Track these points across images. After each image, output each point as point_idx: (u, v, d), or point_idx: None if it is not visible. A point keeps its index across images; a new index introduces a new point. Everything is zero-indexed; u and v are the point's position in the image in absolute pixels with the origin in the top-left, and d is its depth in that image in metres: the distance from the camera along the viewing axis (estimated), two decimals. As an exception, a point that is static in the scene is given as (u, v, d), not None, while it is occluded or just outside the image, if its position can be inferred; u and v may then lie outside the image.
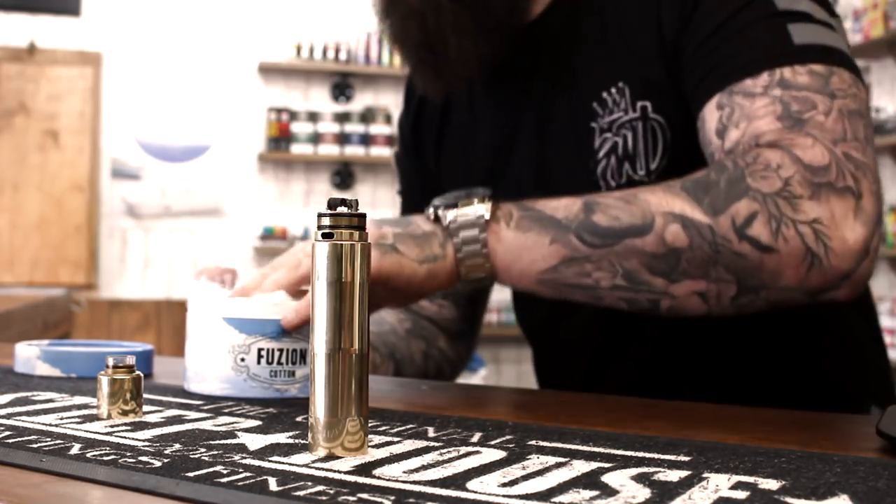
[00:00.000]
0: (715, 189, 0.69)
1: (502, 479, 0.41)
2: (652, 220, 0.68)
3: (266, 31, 5.10)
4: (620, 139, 0.85)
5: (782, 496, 0.38)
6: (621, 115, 0.85)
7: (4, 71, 4.79)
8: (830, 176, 0.69)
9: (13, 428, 0.52)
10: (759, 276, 0.68)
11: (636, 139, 0.85)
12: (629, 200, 0.69)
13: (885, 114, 4.42)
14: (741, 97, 0.75)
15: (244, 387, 0.65)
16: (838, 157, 0.70)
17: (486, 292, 1.09)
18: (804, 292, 0.70)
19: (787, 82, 0.74)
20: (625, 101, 0.85)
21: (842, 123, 0.72)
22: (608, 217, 0.68)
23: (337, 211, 0.47)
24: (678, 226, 0.68)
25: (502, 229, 0.69)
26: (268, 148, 5.06)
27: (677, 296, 0.70)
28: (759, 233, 0.67)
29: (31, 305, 2.23)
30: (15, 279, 4.69)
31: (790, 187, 0.68)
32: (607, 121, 0.86)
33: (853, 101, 0.73)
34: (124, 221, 4.95)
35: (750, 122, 0.73)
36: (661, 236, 0.68)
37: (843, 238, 0.68)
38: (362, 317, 0.47)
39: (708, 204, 0.68)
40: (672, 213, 0.68)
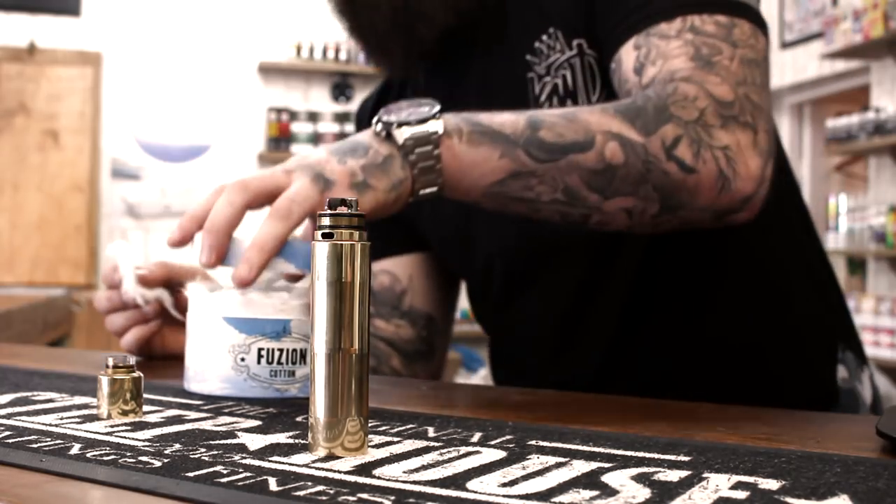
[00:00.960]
0: (644, 113, 0.74)
1: (502, 479, 0.41)
2: (593, 138, 0.72)
3: (266, 31, 5.11)
4: (560, 80, 0.89)
5: (782, 496, 0.38)
6: (558, 56, 0.89)
7: (4, 71, 4.80)
8: (735, 110, 0.76)
9: (13, 428, 0.52)
10: (679, 196, 0.74)
11: (575, 76, 0.89)
12: (570, 119, 0.73)
13: (885, 114, 4.42)
14: (657, 38, 0.81)
15: (244, 386, 0.65)
16: (740, 97, 0.77)
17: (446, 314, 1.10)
18: (713, 212, 0.77)
19: (697, 29, 0.80)
20: (559, 42, 0.89)
21: (742, 69, 0.79)
22: (553, 133, 0.72)
23: (337, 211, 0.47)
24: (616, 143, 0.72)
25: (455, 144, 0.71)
26: (268, 148, 5.06)
27: (607, 211, 0.75)
28: (683, 154, 0.73)
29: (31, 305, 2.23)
30: (15, 279, 4.69)
31: (705, 117, 0.75)
32: (544, 66, 0.90)
33: (751, 50, 0.81)
34: (124, 221, 4.95)
35: (666, 60, 0.80)
36: (601, 153, 0.72)
37: (746, 164, 0.75)
38: (362, 317, 0.47)
39: (640, 125, 0.73)
40: (610, 131, 0.73)
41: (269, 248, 0.64)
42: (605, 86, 0.88)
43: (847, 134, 4.63)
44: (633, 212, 0.75)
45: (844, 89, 5.08)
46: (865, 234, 4.59)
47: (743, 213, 0.77)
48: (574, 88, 0.89)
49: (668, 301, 0.93)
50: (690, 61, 0.79)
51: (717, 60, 0.79)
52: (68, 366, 0.87)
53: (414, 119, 0.71)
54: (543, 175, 0.72)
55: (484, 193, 0.73)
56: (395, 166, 0.70)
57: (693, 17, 0.81)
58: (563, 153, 0.72)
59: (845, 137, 4.65)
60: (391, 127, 0.71)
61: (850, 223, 4.75)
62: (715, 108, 0.76)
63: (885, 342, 4.28)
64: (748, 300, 0.94)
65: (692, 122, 0.75)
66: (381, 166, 0.70)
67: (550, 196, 0.73)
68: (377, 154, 0.70)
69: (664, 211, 0.76)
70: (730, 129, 0.75)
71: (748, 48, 0.81)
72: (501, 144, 0.72)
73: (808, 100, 5.39)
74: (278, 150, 5.06)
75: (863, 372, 0.96)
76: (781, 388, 0.92)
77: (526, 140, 0.72)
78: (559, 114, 0.74)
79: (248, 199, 0.66)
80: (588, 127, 0.73)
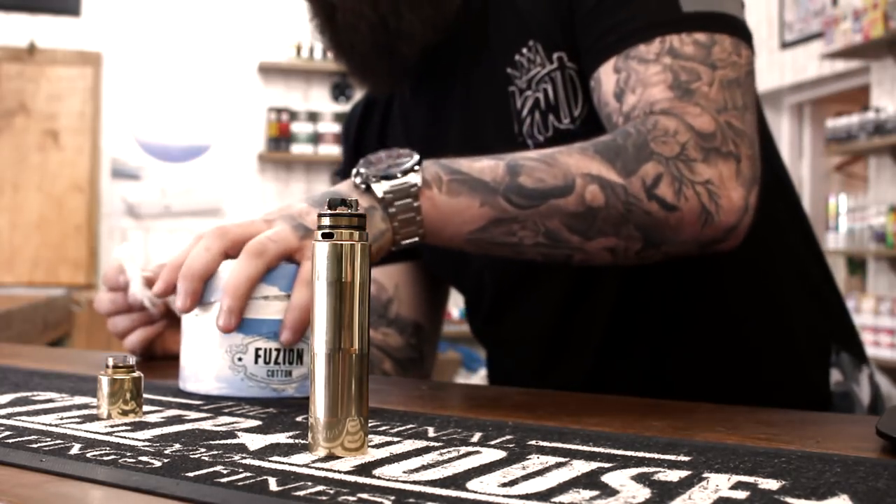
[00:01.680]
0: (624, 153, 0.74)
1: (502, 479, 0.41)
2: (573, 182, 0.72)
3: (266, 31, 5.11)
4: (541, 93, 0.89)
5: (782, 496, 0.38)
6: (539, 70, 0.89)
7: (4, 71, 4.80)
8: (717, 142, 0.76)
9: (13, 428, 0.52)
10: (662, 233, 0.75)
11: (556, 89, 0.88)
12: (550, 163, 0.73)
13: (885, 114, 4.42)
14: (636, 62, 0.80)
15: (241, 386, 0.65)
16: (722, 125, 0.77)
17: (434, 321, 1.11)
18: (698, 245, 0.77)
19: (675, 51, 0.80)
20: (539, 56, 0.88)
21: (722, 94, 0.79)
22: (533, 179, 0.72)
23: (337, 211, 0.47)
24: (596, 186, 0.72)
25: (434, 195, 0.71)
26: (268, 148, 5.07)
27: (590, 251, 0.75)
28: (664, 193, 0.74)
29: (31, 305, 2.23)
30: (15, 279, 4.69)
31: (686, 152, 0.75)
32: (525, 79, 0.89)
33: (732, 69, 0.80)
34: (124, 221, 4.95)
35: (645, 88, 0.79)
36: (581, 196, 0.72)
37: (729, 197, 0.76)
38: (362, 317, 0.47)
39: (620, 166, 0.73)
40: (590, 174, 0.73)
41: (242, 293, 0.63)
42: (587, 99, 0.88)
43: (847, 134, 4.64)
44: (616, 250, 0.76)
45: (844, 89, 5.08)
46: (865, 234, 4.59)
47: (727, 243, 0.78)
48: (556, 102, 0.88)
49: (655, 310, 0.93)
50: (669, 90, 0.78)
51: (696, 88, 0.78)
52: (68, 366, 0.87)
53: (393, 172, 0.70)
54: (525, 220, 0.72)
55: (466, 240, 0.74)
56: (375, 219, 0.70)
57: (671, 37, 0.80)
58: (543, 199, 0.72)
59: (845, 137, 4.65)
60: (370, 180, 0.70)
61: (850, 223, 4.75)
62: (696, 141, 0.76)
63: (885, 342, 4.28)
64: (738, 308, 0.94)
65: (673, 158, 0.75)
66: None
67: (533, 240, 0.74)
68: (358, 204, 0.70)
69: (647, 247, 0.76)
70: (712, 162, 0.75)
71: (728, 67, 0.80)
72: (481, 192, 0.72)
73: (808, 100, 5.39)
74: (278, 150, 5.06)
75: (861, 372, 0.96)
76: (773, 394, 0.92)
77: (506, 187, 0.72)
78: (539, 157, 0.74)
79: (226, 246, 0.66)
80: (568, 170, 0.72)
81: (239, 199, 5.03)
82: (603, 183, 0.73)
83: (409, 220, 0.70)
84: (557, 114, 0.88)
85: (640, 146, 0.75)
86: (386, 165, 0.71)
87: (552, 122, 0.89)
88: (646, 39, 0.80)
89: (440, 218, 0.71)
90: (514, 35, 0.90)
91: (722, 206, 0.75)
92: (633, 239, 0.75)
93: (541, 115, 0.89)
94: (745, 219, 0.77)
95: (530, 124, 0.89)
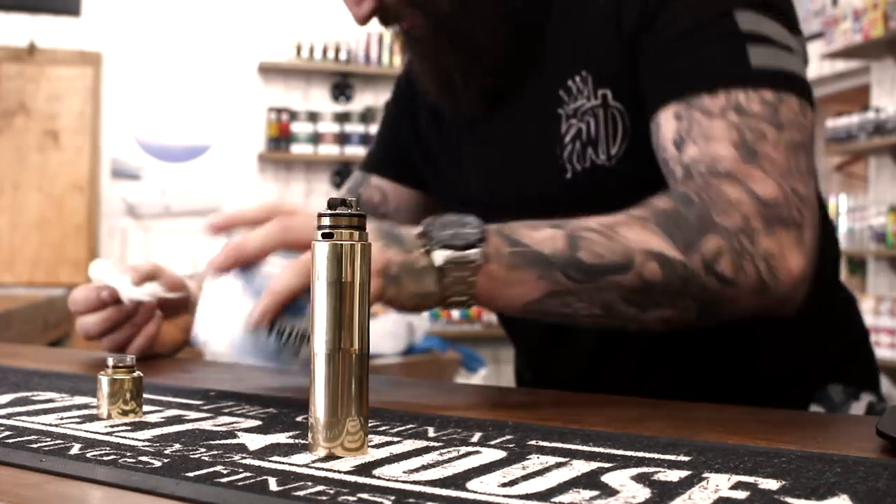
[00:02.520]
0: (685, 225, 0.74)
1: (502, 479, 0.41)
2: (632, 259, 0.71)
3: (266, 31, 5.10)
4: (584, 125, 0.89)
5: (782, 496, 0.38)
6: (585, 102, 0.89)
7: (4, 71, 4.80)
8: (780, 210, 0.75)
9: (13, 428, 0.52)
10: (718, 305, 0.74)
11: (598, 125, 0.88)
12: (610, 237, 0.72)
13: (885, 114, 4.42)
14: (699, 113, 0.79)
15: (251, 352, 0.66)
16: (786, 192, 0.76)
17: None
18: (755, 314, 0.77)
19: (741, 108, 0.78)
20: (587, 88, 0.88)
21: (788, 157, 0.77)
22: (592, 254, 0.71)
23: (337, 211, 0.47)
24: (655, 263, 0.72)
25: (492, 269, 0.70)
26: (268, 148, 5.06)
27: (645, 322, 0.75)
28: (724, 268, 0.73)
29: (31, 305, 2.23)
30: (15, 279, 4.69)
31: (749, 223, 0.74)
32: (572, 107, 0.89)
33: (798, 132, 0.78)
34: (124, 221, 4.95)
35: (708, 142, 0.78)
36: (639, 273, 0.71)
37: (788, 269, 0.75)
38: (362, 317, 0.47)
39: (681, 240, 0.73)
40: (650, 251, 0.72)
41: (279, 300, 0.65)
42: (626, 137, 0.87)
43: (847, 134, 4.63)
44: (671, 320, 0.75)
45: (844, 89, 5.08)
46: (865, 234, 4.59)
47: (784, 310, 0.77)
48: (596, 137, 0.88)
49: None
50: (734, 149, 0.77)
51: (762, 149, 0.76)
52: (68, 366, 0.87)
53: (456, 243, 0.69)
54: (581, 293, 0.71)
55: (519, 311, 0.73)
56: (427, 280, 0.69)
57: (738, 92, 0.78)
58: (601, 274, 0.71)
59: (845, 137, 4.64)
60: (432, 246, 0.69)
61: (850, 223, 4.75)
62: (759, 210, 0.74)
63: (885, 342, 4.28)
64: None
65: (735, 230, 0.74)
66: (416, 274, 0.69)
67: (588, 311, 0.73)
68: (416, 260, 0.69)
69: (703, 317, 0.76)
70: (774, 232, 0.74)
71: (794, 129, 0.78)
72: (539, 266, 0.71)
73: (808, 100, 5.38)
74: (278, 150, 5.06)
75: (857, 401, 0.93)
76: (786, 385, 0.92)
77: (565, 261, 0.71)
78: (599, 228, 0.73)
79: (284, 243, 0.69)
80: (628, 246, 0.72)
81: (239, 199, 5.03)
82: (662, 259, 0.72)
83: (462, 290, 0.70)
84: (596, 148, 0.88)
85: (702, 217, 0.74)
86: (451, 233, 0.69)
87: (590, 155, 0.88)
88: (711, 90, 0.79)
89: (494, 289, 0.70)
90: (568, 60, 0.90)
91: (780, 279, 0.74)
92: (688, 310, 0.74)
93: (581, 145, 0.89)
94: (801, 288, 0.76)
95: (570, 151, 0.89)
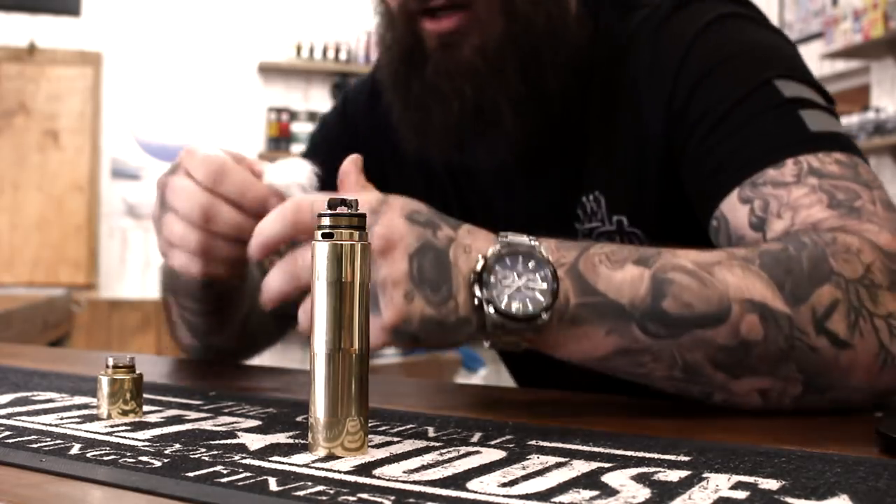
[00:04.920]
0: (797, 269, 0.61)
1: (502, 479, 0.41)
2: (728, 309, 0.59)
3: (266, 31, 5.11)
4: None
5: (782, 496, 0.38)
6: (599, 226, 0.84)
7: (4, 71, 4.80)
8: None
9: (13, 428, 0.52)
10: (829, 375, 0.61)
11: None
12: (705, 281, 0.59)
13: (884, 114, 4.42)
14: (770, 188, 0.70)
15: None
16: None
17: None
18: (872, 394, 0.63)
19: (818, 171, 0.70)
20: (601, 212, 0.84)
21: (889, 214, 0.68)
22: (679, 303, 0.59)
23: (337, 211, 0.47)
24: (756, 316, 0.59)
25: (553, 325, 0.58)
26: (268, 148, 5.06)
27: (735, 392, 0.62)
28: (837, 326, 0.60)
29: (31, 305, 2.23)
30: (15, 279, 4.69)
31: (871, 274, 0.62)
32: (587, 227, 0.85)
33: (882, 190, 0.70)
34: (124, 221, 4.95)
35: (796, 211, 0.68)
36: (735, 328, 0.59)
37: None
38: (362, 317, 0.47)
39: (790, 289, 0.60)
40: (752, 300, 0.59)
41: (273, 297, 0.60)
42: None
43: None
44: (769, 392, 0.62)
45: (844, 89, 5.08)
46: (865, 234, 4.59)
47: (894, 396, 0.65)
48: None
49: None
50: (830, 209, 0.67)
51: (861, 206, 0.67)
52: (68, 366, 0.87)
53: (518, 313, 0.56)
54: (659, 352, 0.59)
55: (582, 363, 0.62)
56: (460, 332, 0.58)
57: (807, 157, 0.70)
58: (687, 328, 0.59)
59: (845, 137, 4.64)
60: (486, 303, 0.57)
61: (850, 223, 4.75)
62: (883, 262, 0.63)
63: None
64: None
65: (855, 280, 0.61)
66: (446, 327, 0.57)
67: (665, 373, 0.61)
68: (452, 310, 0.57)
69: (808, 391, 0.62)
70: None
71: (880, 188, 0.70)
72: (611, 319, 0.58)
73: (808, 100, 5.38)
74: (278, 150, 5.06)
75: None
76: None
77: (644, 312, 0.58)
78: (692, 268, 0.60)
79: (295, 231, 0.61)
80: (724, 293, 0.59)
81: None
82: (765, 312, 0.59)
83: (509, 343, 0.59)
84: None
85: (817, 261, 0.61)
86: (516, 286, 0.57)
87: None
88: (775, 163, 0.70)
89: (552, 344, 0.59)
90: (584, 177, 0.84)
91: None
92: (791, 381, 0.61)
93: None
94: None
95: None
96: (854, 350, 0.60)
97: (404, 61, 0.82)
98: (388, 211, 0.58)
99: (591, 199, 0.84)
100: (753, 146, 0.72)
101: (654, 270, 0.60)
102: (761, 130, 0.73)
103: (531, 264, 0.57)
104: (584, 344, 0.59)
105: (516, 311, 0.56)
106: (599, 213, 0.84)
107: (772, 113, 0.73)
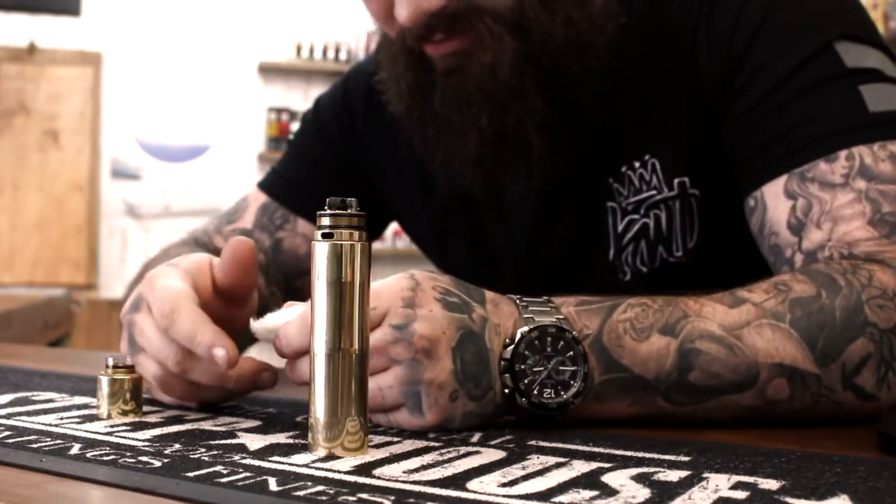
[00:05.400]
0: (830, 324, 0.59)
1: (502, 479, 0.41)
2: (756, 375, 0.57)
3: (266, 31, 5.10)
4: (651, 220, 0.77)
5: (782, 496, 0.38)
6: (653, 194, 0.77)
7: (4, 71, 4.79)
8: None
9: (13, 428, 0.52)
10: (843, 418, 0.60)
11: (672, 218, 0.77)
12: (733, 348, 0.57)
13: (885, 114, 4.42)
14: (818, 188, 0.67)
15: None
16: None
17: None
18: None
19: (868, 171, 0.66)
20: (655, 177, 0.77)
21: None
22: (707, 375, 0.57)
23: (337, 211, 0.47)
24: (783, 380, 0.58)
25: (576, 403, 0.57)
26: (268, 148, 5.06)
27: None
28: (865, 380, 0.59)
29: (31, 305, 2.23)
30: (15, 279, 4.69)
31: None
32: (632, 200, 0.78)
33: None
34: (124, 221, 4.95)
35: (836, 223, 0.66)
36: (762, 391, 0.58)
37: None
38: (362, 317, 0.47)
39: (822, 348, 0.58)
40: (781, 363, 0.58)
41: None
42: (704, 226, 0.76)
43: (847, 134, 4.63)
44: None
45: (844, 89, 5.07)
46: (865, 234, 4.58)
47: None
48: (669, 233, 0.77)
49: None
50: (871, 228, 0.65)
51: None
52: (68, 366, 0.87)
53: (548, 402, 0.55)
54: (682, 415, 0.58)
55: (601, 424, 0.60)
56: (495, 416, 0.56)
57: (861, 150, 0.66)
58: (713, 395, 0.57)
59: (845, 137, 4.64)
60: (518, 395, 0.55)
61: (850, 223, 4.75)
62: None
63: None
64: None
65: (888, 331, 0.59)
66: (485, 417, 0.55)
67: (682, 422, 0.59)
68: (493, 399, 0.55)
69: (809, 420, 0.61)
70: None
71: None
72: (635, 392, 0.57)
73: (808, 100, 5.38)
74: (278, 150, 5.06)
75: None
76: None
77: (670, 385, 0.57)
78: (721, 335, 0.57)
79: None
80: (754, 360, 0.57)
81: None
82: (794, 375, 0.57)
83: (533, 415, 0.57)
84: (669, 245, 0.77)
85: (851, 312, 0.59)
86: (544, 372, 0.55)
87: (661, 253, 0.77)
88: (828, 154, 0.67)
89: (573, 414, 0.57)
90: (626, 141, 0.77)
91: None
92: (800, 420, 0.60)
93: (648, 244, 0.77)
94: None
95: (633, 252, 0.78)
96: (879, 401, 0.59)
97: (413, 94, 0.78)
98: (424, 300, 0.54)
99: (637, 165, 0.78)
100: (806, 128, 0.69)
101: (681, 340, 0.57)
102: (819, 108, 0.69)
103: (560, 345, 0.55)
104: (607, 412, 0.58)
105: (548, 402, 0.55)
106: (653, 179, 0.77)
107: (830, 87, 0.69)
